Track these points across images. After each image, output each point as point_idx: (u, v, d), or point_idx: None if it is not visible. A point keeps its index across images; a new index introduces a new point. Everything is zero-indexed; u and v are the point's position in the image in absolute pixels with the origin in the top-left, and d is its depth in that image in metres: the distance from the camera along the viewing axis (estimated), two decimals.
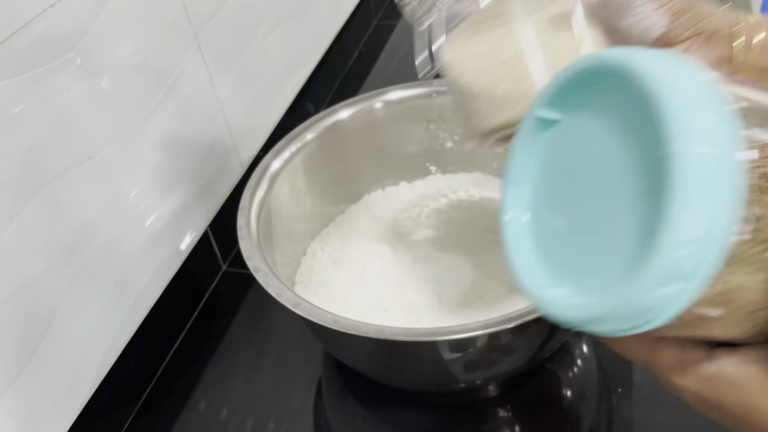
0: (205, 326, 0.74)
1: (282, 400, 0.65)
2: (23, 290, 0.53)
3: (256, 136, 0.85)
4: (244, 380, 0.68)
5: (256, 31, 0.82)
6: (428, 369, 0.57)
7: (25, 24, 0.50)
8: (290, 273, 0.69)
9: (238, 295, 0.78)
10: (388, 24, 1.22)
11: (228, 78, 0.77)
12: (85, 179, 0.58)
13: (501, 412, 0.62)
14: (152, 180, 0.67)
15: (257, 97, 0.84)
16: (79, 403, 0.60)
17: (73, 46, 0.55)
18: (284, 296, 0.54)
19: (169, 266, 0.71)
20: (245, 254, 0.58)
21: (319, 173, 0.72)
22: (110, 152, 0.61)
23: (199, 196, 0.75)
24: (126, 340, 0.65)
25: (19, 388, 0.53)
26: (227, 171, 0.80)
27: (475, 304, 0.64)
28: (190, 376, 0.69)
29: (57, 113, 0.54)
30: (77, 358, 0.59)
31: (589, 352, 0.65)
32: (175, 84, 0.68)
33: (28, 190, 0.52)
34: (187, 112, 0.70)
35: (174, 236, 0.71)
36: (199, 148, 0.73)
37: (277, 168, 0.67)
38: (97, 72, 0.58)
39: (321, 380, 0.67)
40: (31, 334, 0.54)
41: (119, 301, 0.64)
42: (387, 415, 0.63)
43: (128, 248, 0.65)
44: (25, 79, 0.51)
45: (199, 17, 0.70)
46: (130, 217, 0.64)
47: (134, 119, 0.63)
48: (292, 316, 0.75)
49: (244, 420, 0.64)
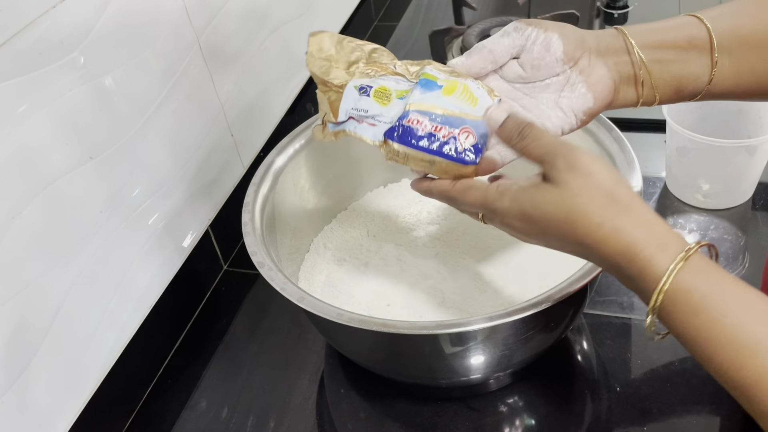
0: (206, 325, 0.75)
1: (283, 398, 0.66)
2: (25, 290, 0.53)
3: (256, 137, 0.86)
4: (245, 379, 0.68)
5: (257, 32, 0.82)
6: (431, 362, 0.57)
7: (27, 25, 0.51)
8: (294, 269, 0.69)
9: (239, 294, 0.78)
10: (388, 24, 1.22)
11: (229, 78, 0.77)
12: (87, 179, 0.58)
13: (501, 407, 0.62)
14: (153, 180, 0.67)
15: (258, 97, 0.84)
16: (80, 401, 0.60)
17: (75, 47, 0.55)
18: (288, 291, 0.54)
19: (171, 266, 0.71)
20: (250, 249, 0.58)
21: (323, 170, 0.73)
22: (112, 152, 0.61)
23: (201, 195, 0.75)
24: (128, 339, 0.66)
25: (21, 387, 0.54)
26: (228, 171, 0.80)
27: (477, 298, 0.64)
28: (191, 374, 0.70)
29: (59, 114, 0.55)
30: (79, 357, 0.60)
31: (589, 349, 0.66)
32: (177, 84, 0.68)
33: (30, 191, 0.53)
34: (188, 112, 0.71)
35: (175, 236, 0.72)
36: (200, 148, 0.74)
37: (281, 165, 0.68)
38: (99, 73, 0.58)
39: (323, 377, 0.67)
40: (33, 333, 0.55)
41: (121, 300, 0.64)
42: (389, 410, 0.63)
43: (129, 248, 0.65)
44: (27, 80, 0.51)
45: (200, 18, 0.71)
46: (131, 217, 0.65)
47: (135, 119, 0.64)
48: (293, 316, 0.75)
49: (245, 418, 0.64)
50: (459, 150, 0.48)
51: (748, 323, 0.36)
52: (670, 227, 0.41)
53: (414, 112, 0.49)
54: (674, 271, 0.38)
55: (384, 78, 0.52)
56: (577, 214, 0.41)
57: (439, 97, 0.49)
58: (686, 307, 0.38)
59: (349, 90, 0.52)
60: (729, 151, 0.71)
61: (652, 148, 0.85)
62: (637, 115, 0.90)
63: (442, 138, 0.48)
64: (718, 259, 0.43)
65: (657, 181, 0.81)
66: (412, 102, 0.49)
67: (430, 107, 0.49)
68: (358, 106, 0.51)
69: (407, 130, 0.49)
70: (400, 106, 0.50)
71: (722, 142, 0.69)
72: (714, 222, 0.76)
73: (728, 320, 0.37)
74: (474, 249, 0.70)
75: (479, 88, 0.49)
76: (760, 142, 0.69)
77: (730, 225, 0.75)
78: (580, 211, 0.41)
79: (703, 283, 0.38)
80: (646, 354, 0.63)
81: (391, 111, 0.50)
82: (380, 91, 0.51)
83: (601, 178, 0.41)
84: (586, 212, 0.41)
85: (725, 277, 0.38)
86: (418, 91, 0.50)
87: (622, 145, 0.62)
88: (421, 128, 0.48)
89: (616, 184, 0.41)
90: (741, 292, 0.38)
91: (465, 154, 0.48)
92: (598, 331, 0.67)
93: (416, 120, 0.49)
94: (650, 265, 0.39)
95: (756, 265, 0.70)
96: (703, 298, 0.37)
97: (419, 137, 0.48)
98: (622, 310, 0.68)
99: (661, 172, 0.82)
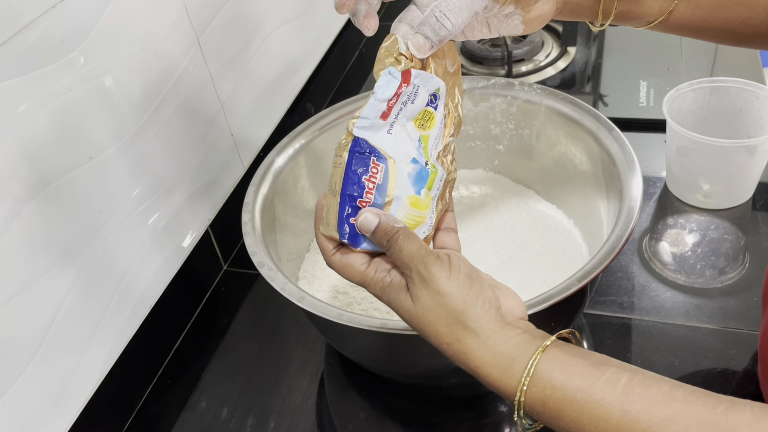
0: (206, 325, 0.75)
1: (283, 398, 0.66)
2: (25, 290, 0.53)
3: (256, 136, 0.86)
4: (245, 379, 0.68)
5: (257, 32, 0.82)
6: (431, 362, 0.57)
7: (27, 24, 0.51)
8: (294, 269, 0.69)
9: (239, 294, 0.78)
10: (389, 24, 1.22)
11: (229, 78, 0.77)
12: (87, 179, 0.58)
13: (501, 406, 0.62)
14: (153, 180, 0.67)
15: (258, 97, 0.84)
16: (80, 401, 0.60)
17: (75, 47, 0.55)
18: (288, 290, 0.54)
19: (171, 266, 0.71)
20: (250, 249, 0.58)
21: (323, 170, 0.73)
22: (112, 152, 0.61)
23: (200, 195, 0.75)
24: (128, 339, 0.65)
25: (21, 387, 0.54)
26: (228, 171, 0.80)
27: None
28: (191, 374, 0.70)
29: (59, 113, 0.55)
30: (79, 357, 0.60)
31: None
32: (177, 84, 0.68)
33: (30, 190, 0.53)
34: (188, 112, 0.71)
35: (175, 236, 0.72)
36: (200, 148, 0.74)
37: (280, 165, 0.68)
38: (99, 73, 0.58)
39: (323, 377, 0.67)
40: (33, 333, 0.55)
41: (121, 300, 0.64)
42: (389, 410, 0.63)
43: (129, 248, 0.65)
44: (27, 80, 0.51)
45: (200, 18, 0.71)
46: (131, 217, 0.65)
47: (136, 120, 0.63)
48: (293, 316, 0.76)
49: (245, 418, 0.64)
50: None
51: (602, 417, 0.37)
52: (520, 337, 0.40)
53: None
54: (524, 389, 0.39)
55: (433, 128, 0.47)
56: (429, 330, 0.42)
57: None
58: (547, 414, 0.39)
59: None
60: (729, 151, 0.71)
61: (653, 148, 0.85)
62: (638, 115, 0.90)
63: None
64: (581, 341, 0.42)
65: (657, 181, 0.81)
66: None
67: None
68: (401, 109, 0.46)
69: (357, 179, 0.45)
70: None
71: (723, 142, 0.69)
72: (714, 222, 0.76)
73: (585, 418, 0.37)
74: (474, 250, 0.70)
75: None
76: (760, 142, 0.69)
77: (731, 225, 0.75)
78: (432, 328, 0.42)
79: (553, 390, 0.38)
80: (646, 354, 0.63)
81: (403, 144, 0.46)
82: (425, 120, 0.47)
83: (451, 300, 0.41)
84: (436, 331, 0.42)
85: (574, 371, 0.38)
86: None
87: (622, 145, 0.62)
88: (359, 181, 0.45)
89: (465, 306, 0.41)
90: (591, 383, 0.38)
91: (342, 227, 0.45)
92: (598, 331, 0.67)
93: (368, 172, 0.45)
94: (501, 384, 0.40)
95: (756, 266, 0.70)
96: (559, 402, 0.38)
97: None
98: (622, 310, 0.68)
99: (661, 172, 0.82)
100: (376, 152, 0.45)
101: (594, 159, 0.66)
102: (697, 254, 0.73)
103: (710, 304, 0.67)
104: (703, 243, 0.74)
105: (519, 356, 0.40)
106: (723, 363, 0.62)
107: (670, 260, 0.72)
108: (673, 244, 0.74)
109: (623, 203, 0.58)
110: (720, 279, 0.70)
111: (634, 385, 0.37)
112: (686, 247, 0.74)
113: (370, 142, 0.45)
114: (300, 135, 0.70)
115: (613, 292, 0.70)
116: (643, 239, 0.75)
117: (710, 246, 0.73)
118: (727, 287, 0.69)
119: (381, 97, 0.44)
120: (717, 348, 0.63)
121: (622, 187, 0.59)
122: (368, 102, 0.45)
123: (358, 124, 0.45)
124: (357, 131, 0.45)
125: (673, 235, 0.76)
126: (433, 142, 0.47)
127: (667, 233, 0.76)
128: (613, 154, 0.63)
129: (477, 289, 0.41)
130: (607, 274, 0.71)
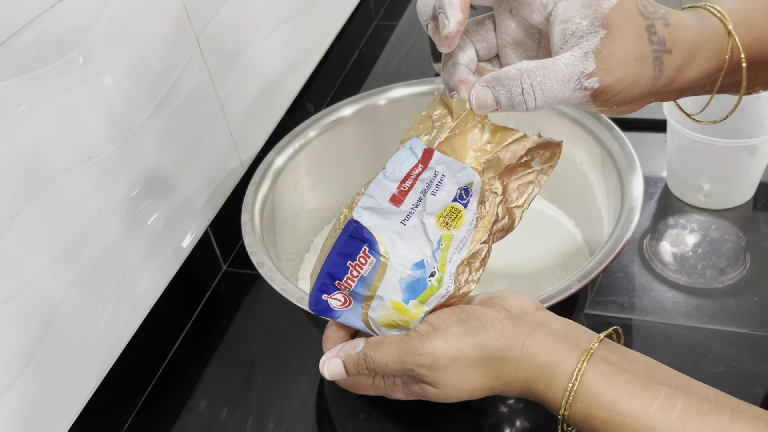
0: (206, 326, 0.75)
1: (282, 398, 0.66)
2: (25, 290, 0.53)
3: (256, 136, 0.86)
4: (244, 379, 0.68)
5: (256, 31, 0.82)
6: None
7: (26, 24, 0.51)
8: (293, 269, 0.69)
9: (238, 294, 0.78)
10: (388, 24, 1.22)
11: (229, 78, 0.77)
12: (86, 179, 0.58)
13: (501, 407, 0.62)
14: (153, 180, 0.67)
15: (258, 97, 0.84)
16: (80, 401, 0.60)
17: (74, 46, 0.55)
18: (288, 291, 0.54)
19: (170, 266, 0.71)
20: (249, 250, 0.58)
21: (322, 170, 0.73)
22: (111, 152, 0.61)
23: (200, 195, 0.75)
24: (127, 340, 0.65)
25: (21, 386, 0.54)
26: (228, 171, 0.80)
27: None
28: (190, 375, 0.70)
29: (58, 113, 0.55)
30: (79, 357, 0.59)
31: None
32: (176, 84, 0.68)
33: (29, 191, 0.53)
34: (188, 112, 0.71)
35: (174, 236, 0.72)
36: (199, 148, 0.74)
37: (280, 165, 0.68)
38: (98, 72, 0.58)
39: (322, 378, 0.67)
40: (33, 333, 0.54)
41: (120, 300, 0.64)
42: (389, 410, 0.63)
43: (129, 248, 0.65)
44: (26, 80, 0.51)
45: (199, 18, 0.71)
46: (130, 217, 0.64)
47: (135, 119, 0.63)
48: (293, 316, 0.75)
49: (245, 418, 0.64)
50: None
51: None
52: (551, 339, 0.39)
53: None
54: (568, 404, 0.37)
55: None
56: (472, 394, 0.41)
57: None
58: (592, 431, 0.38)
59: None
60: (730, 151, 0.71)
61: (653, 147, 0.85)
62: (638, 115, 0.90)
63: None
64: (622, 339, 0.42)
65: (658, 181, 0.81)
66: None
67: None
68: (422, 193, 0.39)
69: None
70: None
71: (723, 141, 0.69)
72: (715, 222, 0.75)
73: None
74: None
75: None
76: (761, 142, 0.69)
77: (731, 225, 0.75)
78: (471, 390, 0.40)
79: (600, 410, 0.37)
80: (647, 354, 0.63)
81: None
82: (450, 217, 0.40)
83: (466, 356, 0.39)
84: (477, 390, 0.40)
85: (623, 390, 0.37)
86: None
87: (623, 145, 0.62)
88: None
89: (480, 347, 0.39)
90: (642, 409, 0.36)
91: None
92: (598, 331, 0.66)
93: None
94: (546, 397, 0.39)
95: (756, 266, 0.70)
96: (605, 424, 0.37)
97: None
98: (623, 310, 0.68)
99: (661, 171, 0.82)
100: (372, 242, 0.39)
101: (594, 159, 0.66)
102: (697, 254, 0.73)
103: (711, 304, 0.67)
104: (704, 243, 0.74)
105: (559, 365, 0.38)
106: (724, 363, 0.61)
107: (670, 260, 0.72)
108: (673, 245, 0.74)
109: (624, 203, 0.58)
110: (721, 279, 0.69)
111: (689, 414, 0.35)
112: (687, 248, 0.74)
113: (369, 229, 0.39)
114: (300, 135, 0.70)
115: (613, 292, 0.69)
116: (643, 239, 0.75)
117: (711, 246, 0.73)
118: (728, 287, 0.68)
119: (391, 176, 0.38)
120: (718, 348, 0.63)
121: (623, 187, 0.59)
122: (376, 178, 0.39)
123: (361, 203, 0.39)
124: (357, 213, 0.39)
125: (674, 235, 0.75)
126: (456, 245, 0.40)
127: (667, 233, 0.76)
128: (614, 154, 0.62)
129: (476, 323, 0.39)
130: (608, 274, 0.71)
